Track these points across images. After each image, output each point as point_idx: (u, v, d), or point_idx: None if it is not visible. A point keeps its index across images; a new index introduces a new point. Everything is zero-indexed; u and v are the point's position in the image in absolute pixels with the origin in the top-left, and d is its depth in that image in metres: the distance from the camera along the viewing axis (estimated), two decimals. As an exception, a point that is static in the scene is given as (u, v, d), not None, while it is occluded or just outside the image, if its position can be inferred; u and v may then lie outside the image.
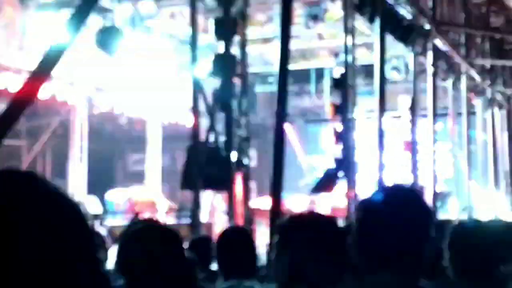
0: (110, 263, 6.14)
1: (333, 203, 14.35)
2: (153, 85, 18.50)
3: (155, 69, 17.65)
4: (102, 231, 11.63)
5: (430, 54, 15.14)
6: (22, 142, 18.98)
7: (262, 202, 13.51)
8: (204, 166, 10.95)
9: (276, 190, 9.94)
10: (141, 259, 2.93)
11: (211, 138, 11.06)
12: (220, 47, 11.10)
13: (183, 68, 19.82)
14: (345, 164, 12.98)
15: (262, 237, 10.21)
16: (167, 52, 17.28)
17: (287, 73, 10.55)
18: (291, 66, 11.43)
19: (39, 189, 1.26)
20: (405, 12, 14.23)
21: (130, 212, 15.09)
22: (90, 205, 16.19)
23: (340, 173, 13.08)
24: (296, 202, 16.30)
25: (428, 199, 13.52)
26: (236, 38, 11.24)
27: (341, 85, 13.39)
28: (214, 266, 5.02)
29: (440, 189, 16.67)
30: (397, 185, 2.95)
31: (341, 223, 9.75)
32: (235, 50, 11.20)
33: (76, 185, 17.00)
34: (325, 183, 13.48)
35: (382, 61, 13.04)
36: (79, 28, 8.00)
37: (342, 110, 13.28)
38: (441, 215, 15.37)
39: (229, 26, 11.13)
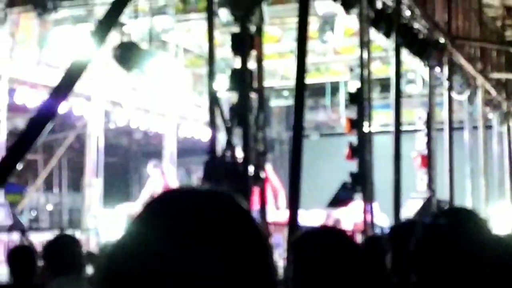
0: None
1: (355, 219, 14.29)
2: (168, 99, 18.60)
3: (171, 83, 17.71)
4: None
5: (445, 68, 15.16)
6: (38, 156, 19.07)
7: (279, 216, 13.50)
8: (221, 180, 10.96)
9: (293, 204, 9.94)
10: None
11: (228, 152, 11.08)
12: (237, 62, 11.14)
13: (199, 82, 20.01)
14: (362, 178, 12.98)
15: (279, 251, 10.21)
16: (182, 66, 17.33)
17: (304, 87, 10.55)
18: (306, 80, 11.44)
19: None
20: (421, 26, 14.25)
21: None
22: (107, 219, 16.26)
23: (357, 188, 13.08)
24: (315, 217, 16.25)
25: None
26: (253, 53, 11.27)
27: (356, 99, 13.40)
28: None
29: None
30: (455, 208, 2.87)
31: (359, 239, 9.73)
32: (251, 65, 11.23)
33: (91, 199, 17.03)
34: (342, 198, 13.48)
35: (398, 75, 13.04)
36: (102, 43, 8.04)
37: (358, 124, 13.29)
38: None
39: (246, 41, 11.16)
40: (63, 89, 8.46)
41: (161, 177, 15.84)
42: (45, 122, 8.25)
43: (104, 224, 16.10)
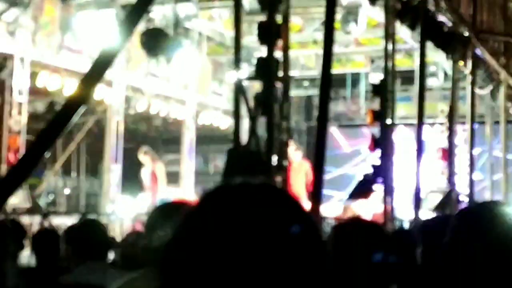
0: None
1: (373, 210, 14.28)
2: (188, 87, 18.60)
3: (192, 70, 17.71)
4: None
5: (469, 62, 15.09)
6: (57, 141, 19.07)
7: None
8: (244, 170, 10.93)
9: (316, 196, 9.92)
10: None
11: (252, 142, 11.05)
12: (263, 51, 11.10)
13: (219, 70, 20.00)
14: (383, 170, 12.95)
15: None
16: (204, 54, 17.33)
17: (330, 78, 10.52)
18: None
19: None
20: (445, 19, 14.18)
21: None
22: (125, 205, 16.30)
23: (378, 180, 13.05)
24: (332, 208, 16.28)
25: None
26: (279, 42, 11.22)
27: (380, 91, 13.35)
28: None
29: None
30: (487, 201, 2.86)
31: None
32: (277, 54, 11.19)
33: (110, 184, 17.05)
34: (362, 190, 13.45)
35: (423, 68, 13.00)
36: (133, 29, 8.03)
37: (380, 116, 13.24)
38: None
39: (273, 30, 11.12)
40: (93, 77, 8.46)
41: (151, 164, 15.69)
42: (75, 110, 8.27)
43: (123, 210, 16.15)
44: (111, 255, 6.56)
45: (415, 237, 4.14)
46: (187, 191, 18.54)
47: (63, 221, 13.89)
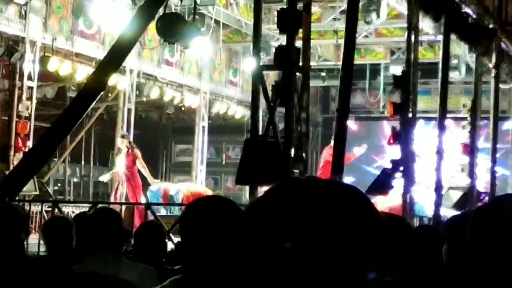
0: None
1: (389, 203, 13.97)
2: (203, 74, 18.32)
3: (206, 58, 17.41)
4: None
5: (493, 56, 14.71)
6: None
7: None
8: (261, 161, 10.62)
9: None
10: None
11: (270, 132, 10.73)
12: (283, 40, 10.76)
13: (234, 58, 19.70)
14: (403, 164, 12.62)
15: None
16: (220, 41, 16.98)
17: (351, 69, 10.23)
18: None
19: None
20: (470, 11, 13.81)
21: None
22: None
23: (397, 174, 12.73)
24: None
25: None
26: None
27: (402, 83, 13.00)
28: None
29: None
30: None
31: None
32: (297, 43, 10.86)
33: (120, 173, 16.75)
34: (381, 184, 13.11)
35: (446, 60, 12.63)
36: (153, 15, 7.70)
37: (401, 109, 12.89)
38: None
39: (294, 18, 10.76)
40: (111, 63, 8.15)
41: (128, 149, 15.24)
42: (93, 96, 7.97)
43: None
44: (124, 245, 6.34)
45: (440, 234, 4.02)
46: (199, 181, 18.24)
47: (71, 210, 13.65)
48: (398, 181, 12.77)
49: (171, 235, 10.48)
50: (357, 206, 1.31)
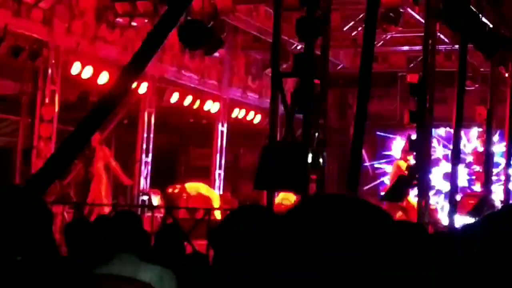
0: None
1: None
2: (222, 80, 18.49)
3: (226, 64, 17.61)
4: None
5: (510, 65, 14.83)
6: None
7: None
8: (280, 166, 10.79)
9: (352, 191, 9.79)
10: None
11: (288, 138, 10.90)
12: (302, 48, 10.95)
13: (253, 65, 19.87)
14: (419, 172, 12.75)
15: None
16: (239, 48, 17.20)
17: (369, 77, 10.37)
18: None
19: None
20: (487, 21, 13.94)
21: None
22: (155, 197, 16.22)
23: (413, 181, 12.87)
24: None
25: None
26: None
27: (418, 91, 13.15)
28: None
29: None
30: None
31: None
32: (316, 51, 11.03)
33: (141, 177, 16.99)
34: (397, 191, 13.26)
35: (464, 69, 12.75)
36: (175, 22, 7.91)
37: (418, 117, 13.03)
38: None
39: (313, 26, 10.94)
40: (134, 69, 8.37)
41: (100, 147, 15.34)
42: (116, 101, 8.19)
43: (153, 201, 16.10)
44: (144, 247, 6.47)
45: (455, 241, 4.06)
46: (216, 186, 18.45)
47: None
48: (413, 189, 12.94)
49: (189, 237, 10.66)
50: (382, 230, 1.33)
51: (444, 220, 13.22)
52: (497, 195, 15.09)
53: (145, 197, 16.47)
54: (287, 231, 1.33)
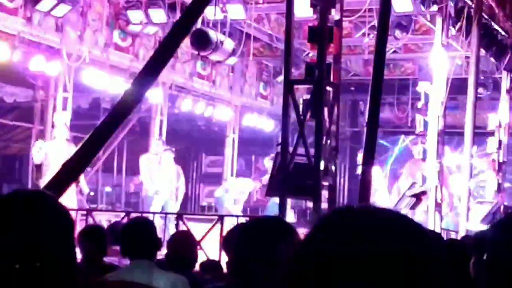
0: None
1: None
2: (234, 87, 18.51)
3: (237, 72, 17.63)
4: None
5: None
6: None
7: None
8: (292, 173, 10.78)
9: (364, 201, 9.80)
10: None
11: (300, 145, 10.89)
12: (315, 55, 10.94)
13: (264, 72, 19.89)
14: (431, 180, 12.74)
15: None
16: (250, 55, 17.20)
17: (381, 83, 10.37)
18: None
19: None
20: (500, 28, 13.93)
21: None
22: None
23: (424, 190, 12.86)
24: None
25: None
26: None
27: (428, 98, 13.15)
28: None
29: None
30: None
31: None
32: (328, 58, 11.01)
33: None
34: (409, 200, 13.24)
35: (477, 76, 12.74)
36: (189, 29, 7.93)
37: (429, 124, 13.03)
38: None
39: (325, 33, 10.94)
40: (147, 76, 8.39)
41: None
42: (129, 108, 8.22)
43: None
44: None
45: (468, 249, 4.09)
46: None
47: (105, 218, 13.87)
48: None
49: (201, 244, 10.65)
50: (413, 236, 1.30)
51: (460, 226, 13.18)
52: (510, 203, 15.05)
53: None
54: (319, 245, 1.28)
